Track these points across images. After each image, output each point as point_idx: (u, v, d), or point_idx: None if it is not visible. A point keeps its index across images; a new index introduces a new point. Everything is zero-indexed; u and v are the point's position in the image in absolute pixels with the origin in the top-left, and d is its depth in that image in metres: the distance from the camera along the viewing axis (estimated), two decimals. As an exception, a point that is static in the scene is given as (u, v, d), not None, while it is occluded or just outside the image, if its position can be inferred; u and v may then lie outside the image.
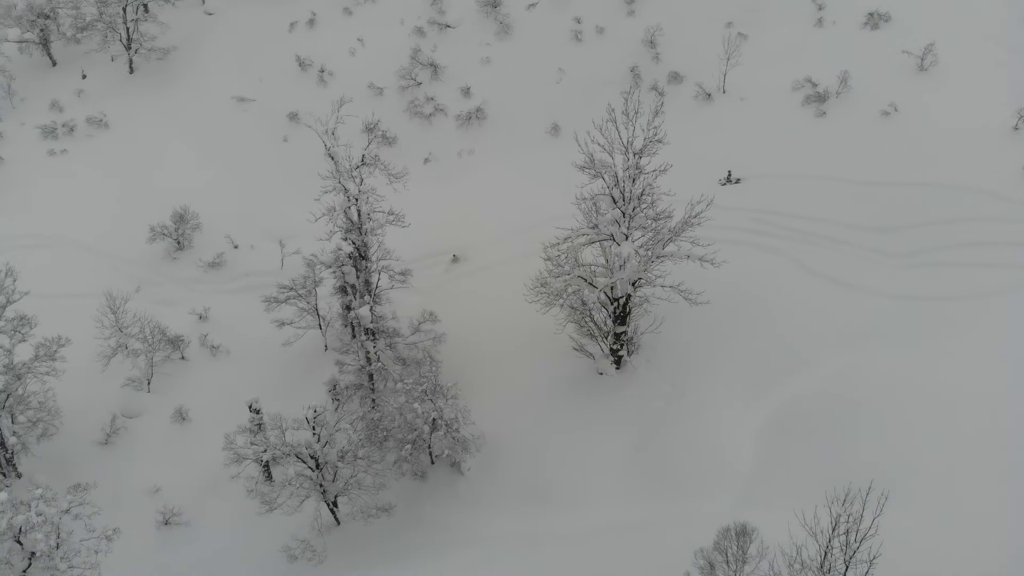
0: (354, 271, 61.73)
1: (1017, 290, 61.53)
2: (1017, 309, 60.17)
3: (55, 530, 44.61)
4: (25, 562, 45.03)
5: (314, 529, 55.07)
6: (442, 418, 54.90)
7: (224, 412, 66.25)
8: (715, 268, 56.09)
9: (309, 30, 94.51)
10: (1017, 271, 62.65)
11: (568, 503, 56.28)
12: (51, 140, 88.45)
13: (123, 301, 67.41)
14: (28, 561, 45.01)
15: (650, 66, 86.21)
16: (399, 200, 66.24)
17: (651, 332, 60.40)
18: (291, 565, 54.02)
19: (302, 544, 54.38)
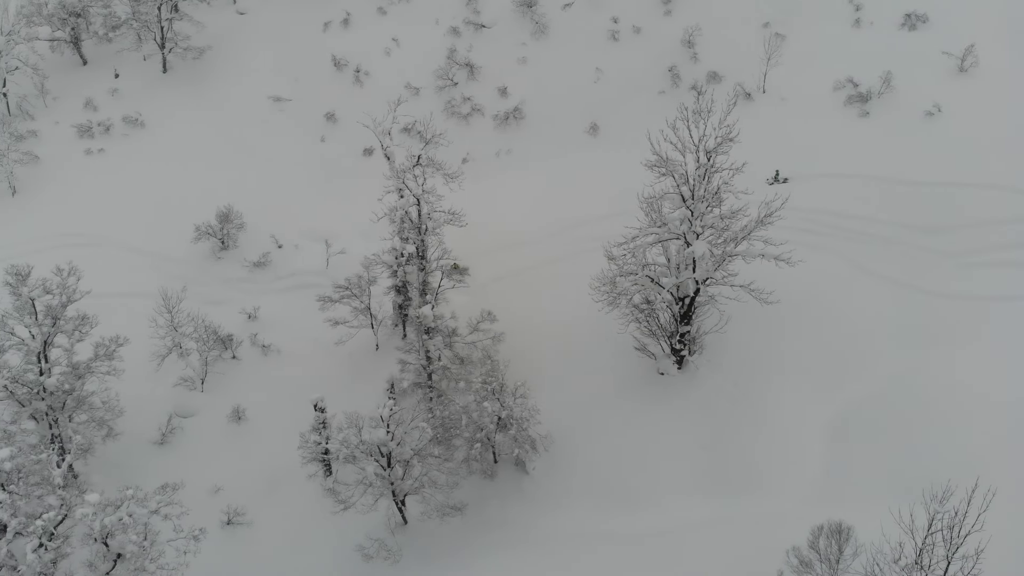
0: (416, 271, 61.67)
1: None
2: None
3: (146, 531, 44.38)
4: (109, 564, 44.84)
5: (386, 528, 55.02)
6: (512, 417, 54.92)
7: (278, 411, 66.51)
8: (789, 267, 56.24)
9: (343, 30, 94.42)
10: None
11: (636, 502, 56.51)
12: (87, 139, 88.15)
13: (178, 301, 67.10)
14: (113, 563, 44.82)
15: (688, 66, 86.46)
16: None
17: (714, 332, 60.45)
18: (367, 564, 53.91)
19: (376, 543, 54.31)
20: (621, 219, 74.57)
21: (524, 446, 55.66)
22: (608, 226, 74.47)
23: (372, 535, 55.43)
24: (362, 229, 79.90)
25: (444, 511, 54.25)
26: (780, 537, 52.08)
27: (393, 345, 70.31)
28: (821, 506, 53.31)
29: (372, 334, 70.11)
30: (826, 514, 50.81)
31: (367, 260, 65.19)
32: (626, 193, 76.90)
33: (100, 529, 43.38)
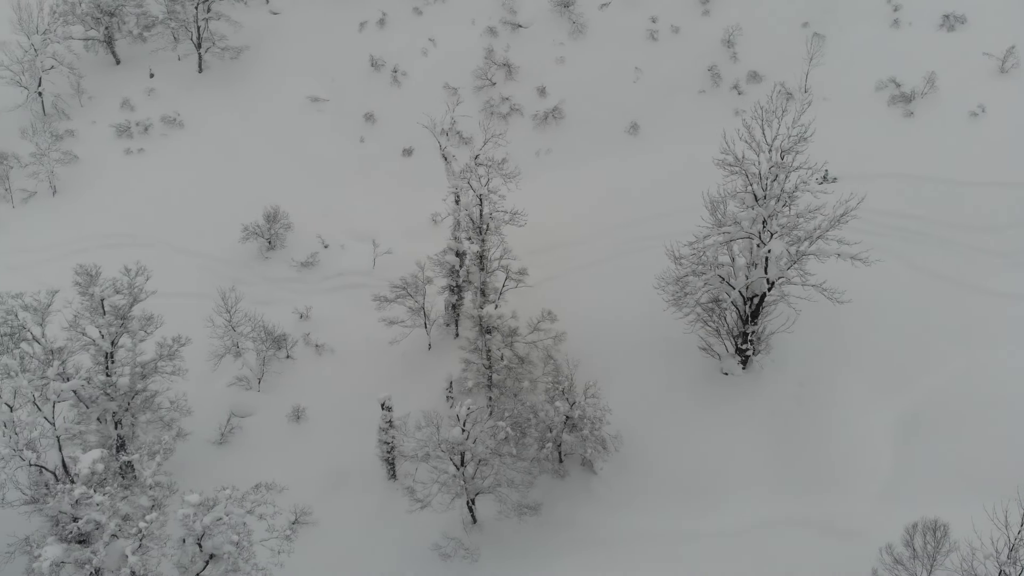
0: (478, 271, 61.80)
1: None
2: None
3: (244, 531, 44.35)
4: (202, 564, 44.83)
5: (459, 527, 55.12)
6: (585, 417, 55.05)
7: (336, 410, 66.88)
8: (865, 266, 56.54)
9: (379, 30, 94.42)
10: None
11: (706, 502, 56.73)
12: (126, 139, 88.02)
13: (236, 301, 67.10)
14: (204, 563, 44.82)
15: (728, 65, 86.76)
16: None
17: (782, 332, 60.71)
18: (445, 563, 54.02)
19: (453, 542, 54.40)
20: (667, 219, 75.35)
21: (596, 446, 55.73)
22: (654, 226, 75.29)
23: (447, 534, 55.40)
24: (405, 229, 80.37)
25: (521, 511, 54.28)
26: (855, 535, 52.61)
27: (445, 345, 70.51)
28: (894, 504, 53.76)
29: (425, 333, 70.01)
30: (900, 511, 51.31)
31: (428, 259, 65.07)
32: (669, 192, 77.79)
33: (198, 530, 43.27)
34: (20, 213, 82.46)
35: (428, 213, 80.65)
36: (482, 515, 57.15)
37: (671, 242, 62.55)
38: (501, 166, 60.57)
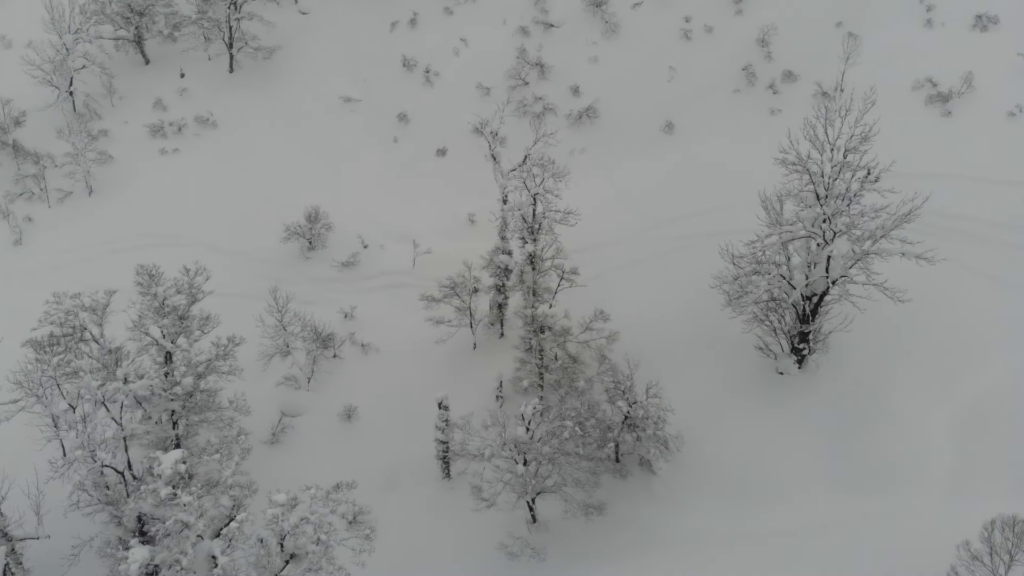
0: (531, 271, 61.86)
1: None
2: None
3: (330, 530, 44.33)
4: (281, 564, 44.82)
5: (522, 526, 55.22)
6: (648, 416, 55.14)
7: (386, 409, 67.05)
8: (930, 265, 56.73)
9: (411, 30, 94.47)
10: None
11: (766, 501, 56.85)
12: (160, 139, 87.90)
13: (287, 300, 67.11)
14: (284, 563, 44.81)
15: (763, 65, 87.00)
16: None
17: (838, 331, 60.87)
18: (513, 563, 54.09)
19: (519, 541, 54.48)
20: (705, 218, 75.78)
21: (659, 446, 55.80)
22: (693, 225, 75.64)
23: (512, 533, 55.47)
24: (442, 229, 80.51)
25: (588, 511, 54.34)
26: (919, 534, 52.78)
27: (490, 344, 70.61)
28: (958, 502, 53.91)
29: (470, 333, 70.07)
30: (964, 509, 51.48)
31: (482, 258, 64.94)
32: (706, 191, 78.01)
33: (282, 529, 43.26)
34: (56, 213, 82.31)
35: (464, 213, 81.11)
36: (545, 514, 57.19)
37: (723, 241, 62.62)
38: (552, 165, 60.37)
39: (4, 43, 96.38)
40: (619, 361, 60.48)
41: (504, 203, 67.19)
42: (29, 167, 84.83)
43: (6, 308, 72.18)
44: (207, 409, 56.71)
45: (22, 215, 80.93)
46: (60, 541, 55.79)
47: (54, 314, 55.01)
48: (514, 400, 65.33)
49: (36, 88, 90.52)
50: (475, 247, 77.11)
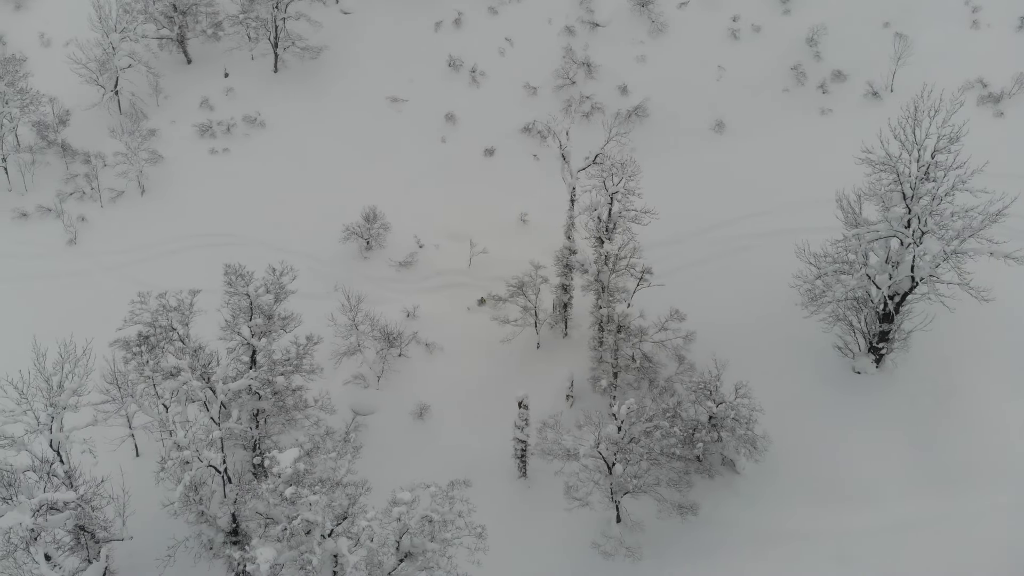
0: (609, 270, 61.92)
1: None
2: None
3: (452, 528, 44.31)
4: (395, 562, 44.82)
5: (617, 526, 55.30)
6: (739, 417, 55.28)
7: (455, 408, 66.86)
8: (1019, 265, 57.04)
9: (455, 30, 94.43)
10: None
11: (849, 501, 56.93)
12: (209, 139, 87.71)
13: (358, 299, 67.16)
14: (399, 561, 44.81)
15: (812, 64, 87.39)
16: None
17: (918, 330, 61.14)
18: (608, 562, 54.19)
19: (611, 540, 54.57)
20: (761, 219, 76.27)
21: (748, 446, 55.93)
22: (748, 225, 76.00)
23: (605, 532, 55.57)
24: (494, 229, 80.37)
25: (682, 510, 54.45)
26: (1000, 531, 53.10)
27: (554, 344, 70.71)
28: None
29: (534, 332, 70.15)
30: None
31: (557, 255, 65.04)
32: (760, 192, 78.24)
33: (405, 526, 43.22)
34: (109, 212, 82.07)
35: (515, 213, 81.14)
36: (638, 514, 56.91)
37: (782, 242, 64.16)
38: (633, 163, 60.50)
39: (43, 41, 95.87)
40: (697, 361, 60.43)
41: (572, 202, 67.20)
42: (78, 166, 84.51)
43: (66, 309, 72.13)
44: (295, 409, 56.50)
45: (75, 214, 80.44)
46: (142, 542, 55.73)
47: (140, 314, 54.69)
48: (585, 400, 65.46)
49: (79, 87, 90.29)
50: (529, 247, 77.52)
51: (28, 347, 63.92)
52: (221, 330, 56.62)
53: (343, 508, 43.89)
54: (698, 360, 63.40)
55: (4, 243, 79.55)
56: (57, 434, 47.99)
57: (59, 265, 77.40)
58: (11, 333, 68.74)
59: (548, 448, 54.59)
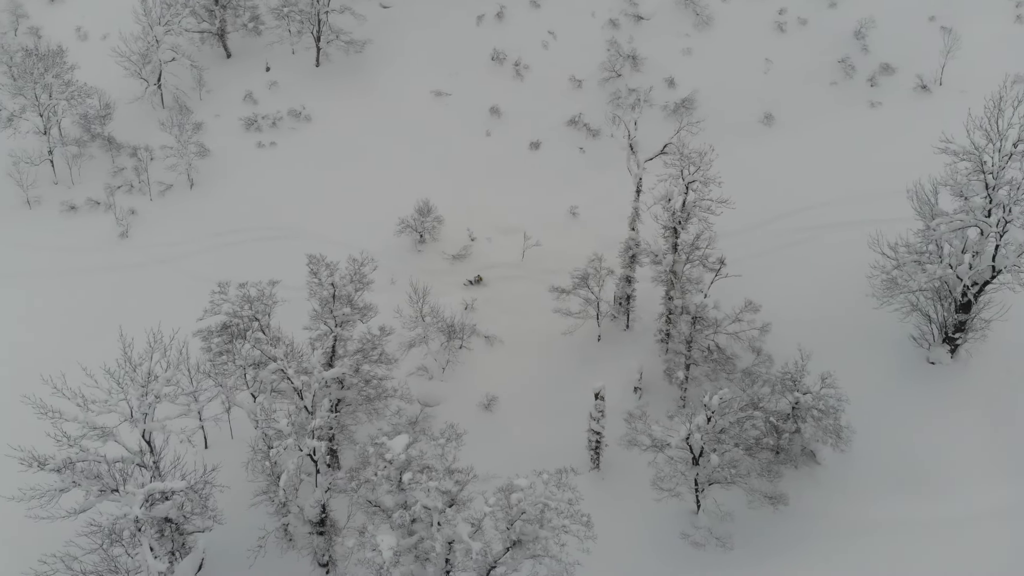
0: (684, 261, 61.73)
1: None
2: None
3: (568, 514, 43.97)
4: (502, 549, 44.52)
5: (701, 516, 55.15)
6: (827, 408, 55.06)
7: (521, 400, 66.60)
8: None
9: (498, 23, 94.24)
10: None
11: (933, 490, 56.67)
12: (255, 132, 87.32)
13: (425, 292, 66.87)
14: (506, 549, 44.52)
15: (860, 57, 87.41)
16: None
17: (995, 320, 61.11)
18: (700, 552, 54.00)
19: (701, 531, 54.38)
20: (816, 212, 76.07)
21: (832, 436, 55.72)
22: (805, 218, 75.75)
23: (694, 524, 55.41)
24: (543, 222, 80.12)
25: (774, 501, 54.25)
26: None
27: (615, 336, 70.47)
28: None
29: (595, 325, 69.91)
30: None
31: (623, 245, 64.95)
32: (812, 185, 78.11)
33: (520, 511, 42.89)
34: (159, 206, 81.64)
35: (564, 206, 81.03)
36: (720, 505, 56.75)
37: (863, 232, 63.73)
38: (712, 152, 60.29)
39: (79, 35, 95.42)
40: (773, 352, 60.24)
41: (638, 193, 67.04)
42: (124, 160, 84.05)
43: (123, 303, 71.71)
44: (377, 398, 56.18)
45: (124, 208, 79.94)
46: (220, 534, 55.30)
47: (221, 304, 54.31)
48: (653, 392, 65.25)
49: (121, 81, 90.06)
50: (580, 239, 77.45)
51: (93, 339, 64.28)
52: (310, 319, 56.19)
53: (453, 494, 43.47)
54: (771, 351, 63.01)
55: (54, 236, 79.13)
56: (151, 424, 47.38)
57: (113, 258, 76.98)
58: (75, 326, 68.59)
59: (635, 439, 54.21)
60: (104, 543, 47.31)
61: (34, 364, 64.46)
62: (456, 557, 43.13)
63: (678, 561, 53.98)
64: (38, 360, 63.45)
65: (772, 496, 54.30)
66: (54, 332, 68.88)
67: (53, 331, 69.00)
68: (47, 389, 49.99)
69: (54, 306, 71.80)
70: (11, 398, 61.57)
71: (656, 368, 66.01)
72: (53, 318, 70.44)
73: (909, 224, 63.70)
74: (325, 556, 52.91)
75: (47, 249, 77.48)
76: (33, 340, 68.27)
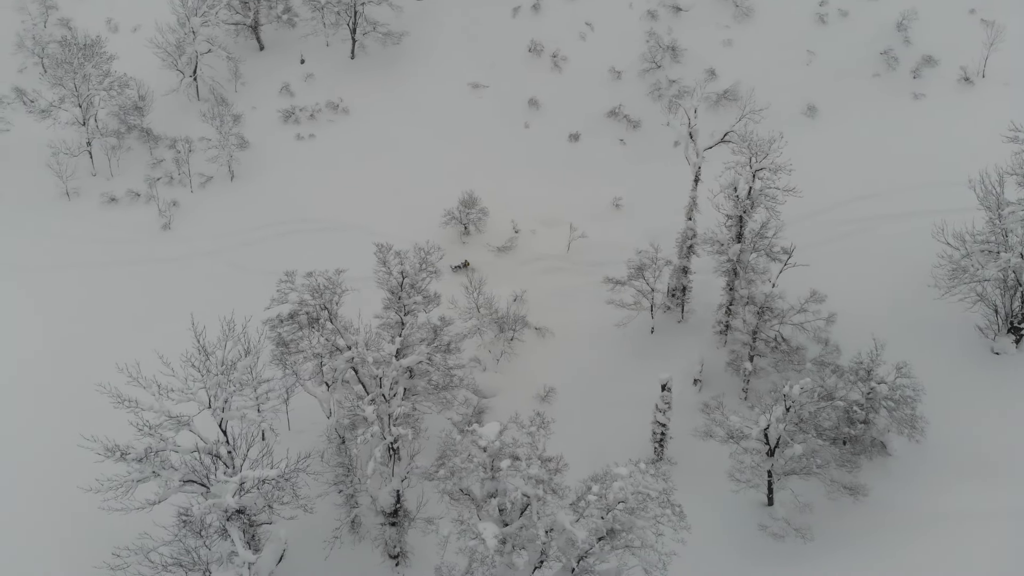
0: (750, 250, 61.13)
1: None
2: None
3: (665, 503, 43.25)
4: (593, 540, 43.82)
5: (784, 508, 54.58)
6: (904, 398, 54.48)
7: (576, 391, 66.12)
8: None
9: (534, 15, 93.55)
10: None
11: (1005, 480, 56.09)
12: (293, 125, 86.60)
13: (481, 282, 66.29)
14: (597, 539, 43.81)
15: (902, 49, 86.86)
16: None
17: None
18: (780, 544, 53.42)
19: (779, 523, 53.79)
20: (864, 203, 75.37)
21: (908, 427, 55.15)
22: (853, 210, 75.08)
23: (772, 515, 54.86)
24: (587, 213, 79.54)
25: (853, 492, 53.64)
26: None
27: (668, 328, 69.92)
28: None
29: (648, 317, 69.31)
30: None
31: (682, 235, 64.34)
32: (858, 177, 77.52)
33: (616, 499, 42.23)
34: (199, 198, 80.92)
35: (607, 198, 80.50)
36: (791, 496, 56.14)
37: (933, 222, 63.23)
38: (782, 139, 59.68)
39: (110, 27, 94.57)
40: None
41: (696, 182, 66.49)
42: (162, 151, 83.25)
43: (172, 294, 71.12)
44: (445, 388, 55.48)
45: (166, 199, 79.11)
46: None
47: (288, 293, 53.55)
48: (714, 384, 64.74)
49: (156, 72, 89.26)
50: (625, 231, 76.90)
51: (143, 330, 63.73)
52: (383, 308, 55.57)
53: (547, 482, 42.74)
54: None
55: (95, 228, 78.36)
56: (229, 412, 46.57)
57: (157, 250, 76.28)
58: (125, 316, 67.92)
59: (711, 430, 53.59)
60: (181, 534, 46.33)
61: (90, 354, 64.25)
62: (552, 546, 42.34)
63: (757, 553, 53.23)
64: (94, 350, 62.92)
65: (851, 487, 53.56)
66: (105, 322, 68.24)
67: (104, 322, 68.36)
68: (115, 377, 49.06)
69: (102, 297, 71.13)
70: (71, 388, 61.16)
71: (714, 360, 65.32)
72: (102, 309, 69.80)
73: (960, 215, 63.62)
74: (396, 547, 52.12)
75: (89, 241, 76.79)
76: (84, 331, 67.51)
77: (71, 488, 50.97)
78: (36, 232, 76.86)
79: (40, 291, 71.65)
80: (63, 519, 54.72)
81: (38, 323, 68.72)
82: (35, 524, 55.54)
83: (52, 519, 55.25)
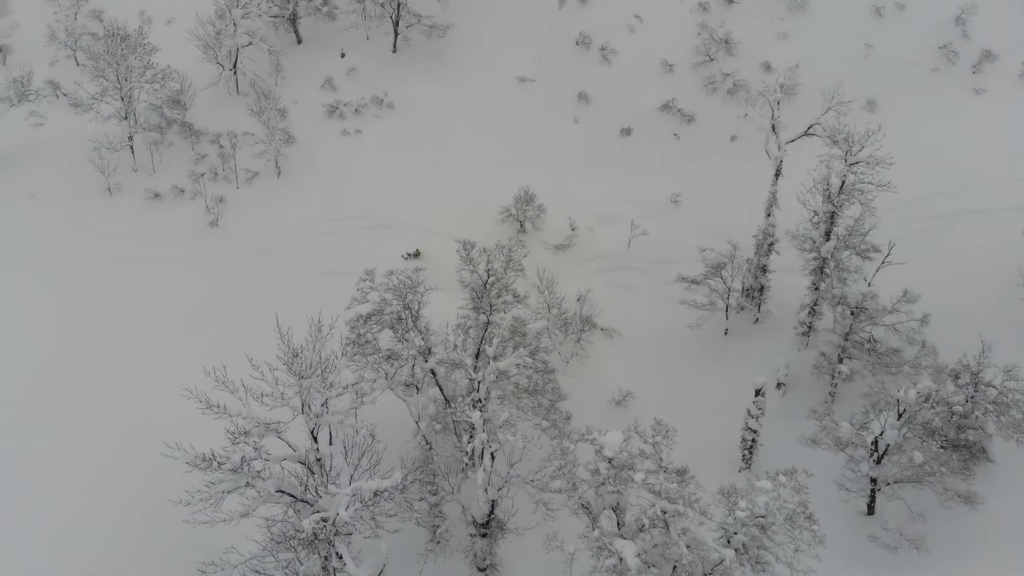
0: (843, 247, 58.88)
1: None
2: None
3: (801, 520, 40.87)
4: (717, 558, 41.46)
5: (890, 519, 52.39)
6: (1011, 400, 52.30)
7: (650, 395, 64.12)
8: None
9: (580, 7, 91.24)
10: None
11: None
12: (337, 120, 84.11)
13: (551, 281, 64.00)
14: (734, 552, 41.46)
15: (961, 44, 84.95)
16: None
17: None
18: (893, 555, 51.18)
19: (890, 533, 51.56)
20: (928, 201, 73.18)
21: (1017, 431, 52.92)
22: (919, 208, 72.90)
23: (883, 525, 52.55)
24: (644, 210, 77.39)
25: (968, 500, 51.41)
26: None
27: (743, 330, 67.92)
28: None
29: (722, 318, 67.14)
30: None
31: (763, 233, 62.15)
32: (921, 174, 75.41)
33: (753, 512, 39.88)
34: (246, 194, 78.34)
35: (664, 194, 78.54)
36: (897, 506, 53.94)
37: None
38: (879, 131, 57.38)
39: (143, 20, 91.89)
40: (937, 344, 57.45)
41: (776, 176, 64.34)
42: (205, 146, 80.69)
43: (226, 294, 68.96)
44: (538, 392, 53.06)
45: (212, 196, 76.58)
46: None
47: (369, 292, 51.16)
48: (797, 388, 62.72)
49: (194, 66, 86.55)
50: (684, 228, 74.92)
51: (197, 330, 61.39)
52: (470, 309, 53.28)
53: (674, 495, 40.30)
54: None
55: (140, 225, 75.79)
56: (327, 417, 43.93)
57: (205, 247, 73.84)
58: (181, 316, 65.68)
59: (818, 437, 51.25)
60: (271, 548, 43.73)
61: (150, 354, 61.84)
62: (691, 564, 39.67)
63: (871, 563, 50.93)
64: (152, 350, 60.60)
65: (965, 496, 51.28)
66: (162, 322, 65.75)
67: (160, 321, 65.85)
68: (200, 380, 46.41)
69: (154, 296, 68.71)
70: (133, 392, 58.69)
71: (796, 363, 63.18)
72: (154, 308, 67.36)
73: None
74: (486, 559, 49.66)
75: (134, 238, 74.39)
76: (140, 330, 64.85)
77: (159, 498, 48.44)
78: (79, 228, 74.39)
79: (88, 289, 69.45)
80: (150, 530, 52.23)
81: (89, 322, 66.42)
82: (124, 534, 53.27)
83: (140, 530, 52.82)
